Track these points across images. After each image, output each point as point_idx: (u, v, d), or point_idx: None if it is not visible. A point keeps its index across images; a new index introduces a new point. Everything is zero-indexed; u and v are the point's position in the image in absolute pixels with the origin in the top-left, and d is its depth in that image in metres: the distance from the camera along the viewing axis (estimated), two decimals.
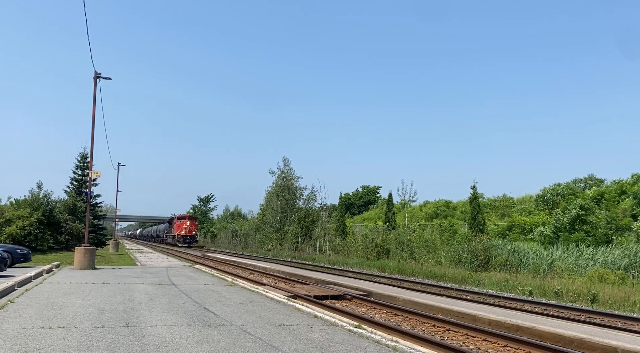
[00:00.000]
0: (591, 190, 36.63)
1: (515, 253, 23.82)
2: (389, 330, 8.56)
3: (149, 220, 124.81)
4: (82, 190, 38.32)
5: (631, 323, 11.04)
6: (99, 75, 21.63)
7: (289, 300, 11.22)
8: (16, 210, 30.81)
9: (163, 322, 7.96)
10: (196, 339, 6.69)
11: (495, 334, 8.67)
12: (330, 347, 6.47)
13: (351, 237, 36.57)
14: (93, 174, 22.50)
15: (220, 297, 11.40)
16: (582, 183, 42.05)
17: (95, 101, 21.35)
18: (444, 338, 8.76)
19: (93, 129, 21.31)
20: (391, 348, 6.54)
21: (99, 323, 7.70)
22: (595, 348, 7.54)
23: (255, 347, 6.30)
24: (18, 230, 29.03)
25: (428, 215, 46.76)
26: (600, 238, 26.62)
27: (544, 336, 8.41)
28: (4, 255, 16.06)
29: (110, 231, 68.05)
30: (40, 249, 30.11)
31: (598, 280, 18.20)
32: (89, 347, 6.12)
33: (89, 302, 10.05)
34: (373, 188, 73.35)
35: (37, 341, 6.33)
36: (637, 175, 36.11)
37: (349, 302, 13.09)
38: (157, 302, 10.33)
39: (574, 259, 22.67)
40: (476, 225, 28.70)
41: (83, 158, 39.73)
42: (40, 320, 7.85)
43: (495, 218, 39.95)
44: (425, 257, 27.03)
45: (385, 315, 11.24)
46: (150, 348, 6.11)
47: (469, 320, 10.02)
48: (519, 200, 44.62)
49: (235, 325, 7.78)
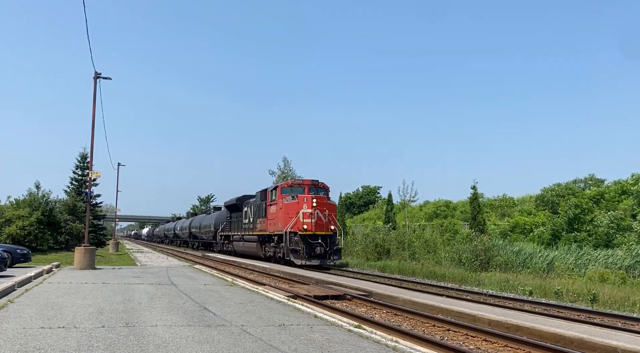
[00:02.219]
0: (589, 190, 36.63)
1: (518, 254, 23.82)
2: (389, 330, 8.55)
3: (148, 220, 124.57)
4: (82, 190, 38.33)
5: (631, 323, 11.04)
6: (99, 75, 21.63)
7: (289, 300, 11.21)
8: (16, 210, 30.82)
9: (163, 322, 7.95)
10: (196, 339, 6.68)
11: (495, 334, 8.67)
12: (330, 347, 6.47)
13: (351, 237, 36.55)
14: (93, 174, 22.50)
15: (220, 297, 11.40)
16: (582, 184, 42.03)
17: (95, 101, 21.38)
18: (444, 338, 8.75)
19: (93, 129, 21.33)
20: (391, 348, 6.54)
21: (99, 323, 7.70)
22: (595, 348, 7.53)
23: (255, 347, 6.30)
24: (18, 230, 29.04)
25: (428, 215, 46.72)
26: (600, 238, 26.61)
27: (544, 336, 8.40)
28: (4, 255, 16.07)
29: (110, 231, 67.97)
30: (40, 249, 30.10)
31: (599, 281, 18.19)
32: (89, 347, 6.12)
33: (89, 302, 10.05)
34: (373, 188, 73.29)
35: (37, 341, 6.33)
36: (637, 175, 36.07)
37: (349, 302, 13.09)
38: (157, 302, 10.32)
39: (574, 259, 22.67)
40: (476, 225, 28.69)
41: (83, 158, 39.73)
42: (40, 320, 7.85)
43: (496, 218, 39.92)
44: (426, 257, 27.02)
45: (385, 315, 11.23)
46: (150, 348, 6.10)
47: (469, 320, 10.01)
48: (519, 200, 44.59)
49: (235, 325, 7.77)
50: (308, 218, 23.36)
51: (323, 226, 23.66)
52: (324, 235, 23.47)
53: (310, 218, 23.35)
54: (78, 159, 40.66)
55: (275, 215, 25.24)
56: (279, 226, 24.62)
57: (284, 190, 25.22)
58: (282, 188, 25.29)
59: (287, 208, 23.93)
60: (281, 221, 24.26)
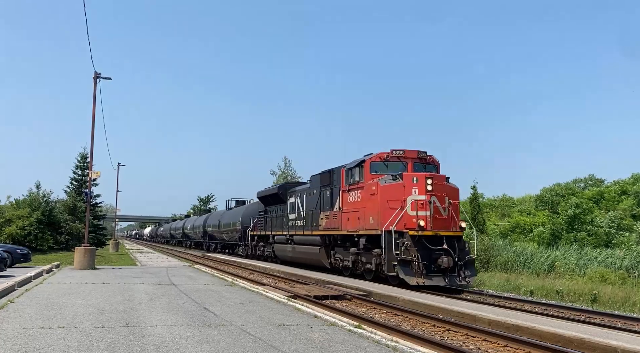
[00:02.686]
0: (589, 190, 36.66)
1: (519, 255, 23.82)
2: (389, 330, 8.55)
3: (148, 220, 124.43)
4: (82, 190, 38.33)
5: (631, 323, 11.03)
6: (99, 75, 21.65)
7: (289, 300, 11.21)
8: (16, 210, 30.83)
9: (163, 322, 7.95)
10: (196, 339, 6.68)
11: (495, 334, 8.67)
12: (330, 347, 6.46)
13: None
14: (93, 174, 22.54)
15: (220, 297, 11.40)
16: (582, 184, 42.07)
17: (95, 101, 21.40)
18: (444, 338, 8.75)
19: (93, 129, 21.35)
20: (391, 348, 6.54)
21: (99, 323, 7.70)
22: (595, 348, 7.53)
23: (255, 347, 6.30)
24: (18, 230, 29.05)
25: None
26: (600, 238, 26.63)
27: (544, 336, 8.40)
28: (4, 255, 16.07)
29: (110, 231, 67.98)
30: (40, 249, 30.11)
31: (599, 281, 18.20)
32: (89, 347, 6.12)
33: (89, 302, 10.05)
34: None
35: (37, 341, 6.33)
36: (637, 175, 36.11)
37: (349, 302, 13.09)
38: (157, 302, 10.32)
39: (575, 259, 22.69)
40: (476, 225, 28.73)
41: (83, 158, 39.76)
42: (40, 320, 7.85)
43: (496, 218, 39.95)
44: None
45: (385, 315, 11.23)
46: (150, 348, 6.10)
47: (469, 320, 10.01)
48: (519, 200, 44.62)
49: (235, 325, 7.77)
50: (423, 210, 14.90)
51: (447, 223, 15.22)
52: (449, 236, 14.98)
53: (425, 210, 14.90)
54: (78, 159, 40.73)
55: (360, 205, 16.66)
56: (368, 222, 16.02)
57: (374, 166, 16.60)
58: (373, 164, 16.64)
59: (386, 193, 15.34)
60: (374, 214, 15.67)
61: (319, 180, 20.68)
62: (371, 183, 16.13)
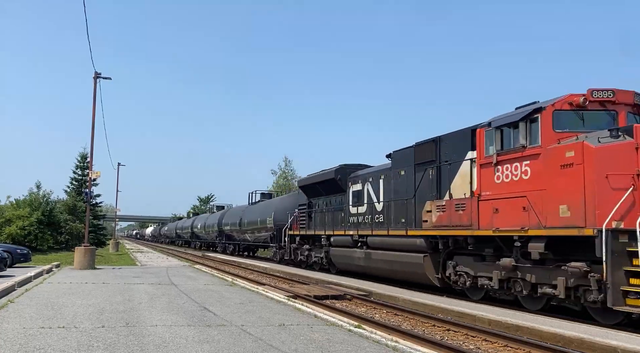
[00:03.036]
0: None
1: None
2: (389, 330, 8.56)
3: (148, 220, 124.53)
4: (82, 190, 38.35)
5: None
6: (99, 75, 21.67)
7: (289, 300, 11.22)
8: (16, 210, 30.85)
9: (163, 321, 7.96)
10: (196, 339, 6.69)
11: (495, 334, 8.67)
12: (330, 347, 6.47)
13: None
14: (93, 174, 22.56)
15: (220, 296, 11.40)
16: None
17: (95, 101, 21.41)
18: (444, 338, 8.76)
19: (93, 129, 21.37)
20: (391, 348, 6.54)
21: (99, 323, 7.70)
22: (595, 348, 7.53)
23: (255, 347, 6.30)
24: (18, 230, 29.08)
25: None
26: None
27: (544, 336, 8.40)
28: (4, 255, 16.07)
29: (110, 231, 68.01)
30: (40, 249, 30.14)
31: None
32: (89, 346, 6.13)
33: (89, 302, 10.05)
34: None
35: (37, 341, 6.34)
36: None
37: (349, 302, 13.09)
38: (157, 302, 10.33)
39: None
40: None
41: (83, 158, 39.79)
42: (40, 320, 7.85)
43: None
44: None
45: (385, 315, 11.24)
46: (150, 348, 6.11)
47: (469, 320, 10.01)
48: None
49: (235, 325, 7.78)
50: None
51: None
52: None
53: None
54: (78, 159, 40.77)
55: (534, 184, 10.14)
56: (554, 214, 9.64)
57: (562, 118, 10.14)
58: (558, 115, 10.12)
59: (603, 161, 9.01)
60: (574, 199, 9.32)
61: (410, 155, 14.61)
62: (562, 146, 9.71)
